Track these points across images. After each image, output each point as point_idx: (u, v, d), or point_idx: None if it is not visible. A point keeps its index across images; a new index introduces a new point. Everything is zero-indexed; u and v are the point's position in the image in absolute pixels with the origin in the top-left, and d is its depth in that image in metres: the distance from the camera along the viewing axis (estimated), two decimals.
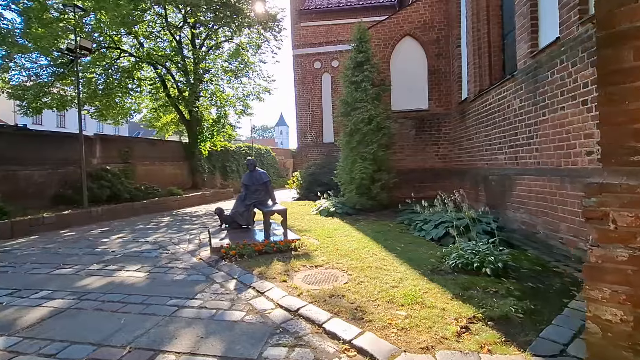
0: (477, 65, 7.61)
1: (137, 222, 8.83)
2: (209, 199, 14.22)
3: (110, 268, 4.43)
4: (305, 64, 17.53)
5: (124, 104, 15.91)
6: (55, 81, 13.18)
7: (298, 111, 17.61)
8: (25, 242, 6.55)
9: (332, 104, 17.26)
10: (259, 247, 4.78)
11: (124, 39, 14.68)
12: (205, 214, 10.02)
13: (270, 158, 25.67)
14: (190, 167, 15.78)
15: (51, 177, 9.49)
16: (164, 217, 9.72)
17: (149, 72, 16.21)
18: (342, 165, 8.71)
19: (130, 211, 9.96)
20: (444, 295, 3.09)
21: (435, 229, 5.41)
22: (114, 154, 11.78)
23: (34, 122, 23.00)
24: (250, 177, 6.43)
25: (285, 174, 28.86)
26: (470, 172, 7.89)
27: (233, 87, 16.93)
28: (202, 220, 8.68)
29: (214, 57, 16.42)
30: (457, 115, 8.91)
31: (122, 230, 7.42)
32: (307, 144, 17.56)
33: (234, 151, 20.29)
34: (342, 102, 8.64)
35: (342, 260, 4.30)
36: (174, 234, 6.85)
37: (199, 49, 15.02)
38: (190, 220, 8.84)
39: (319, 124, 17.44)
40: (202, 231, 6.96)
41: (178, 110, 15.86)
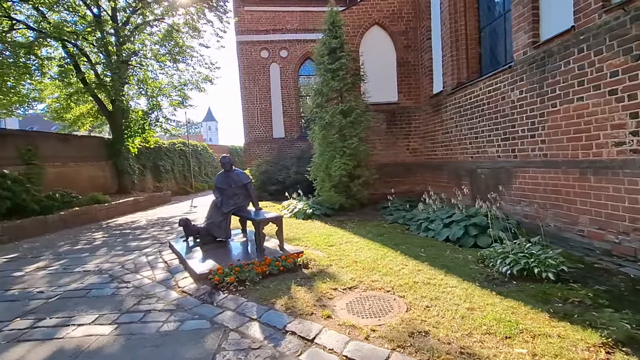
0: (455, 58, 7.46)
1: (57, 241, 6.77)
2: (143, 205, 12.05)
3: (49, 323, 2.93)
4: (251, 52, 16.11)
5: (20, 89, 12.59)
6: None
7: (244, 104, 16.12)
8: None
9: (281, 97, 16.23)
10: (261, 267, 3.73)
11: (17, 7, 11.53)
12: (149, 225, 8.25)
13: (208, 156, 23.43)
14: (115, 167, 13.21)
15: None
16: (94, 232, 7.70)
17: (54, 51, 13.13)
18: (317, 162, 7.87)
19: (43, 227, 7.68)
20: (538, 315, 2.54)
21: (447, 228, 4.97)
22: (11, 154, 9.06)
23: None
24: (226, 178, 5.22)
25: None
26: (449, 166, 7.76)
27: (167, 74, 14.70)
28: (149, 233, 7.02)
29: (142, 38, 13.98)
30: (428, 109, 8.76)
31: (41, 256, 5.48)
32: (256, 140, 16.21)
33: (168, 148, 17.84)
34: (317, 92, 7.78)
35: (374, 276, 3.53)
36: (121, 255, 5.25)
37: (122, 26, 12.55)
38: (133, 234, 7.09)
39: (268, 118, 16.20)
40: (159, 249, 5.48)
41: (97, 99, 13.12)
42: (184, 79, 14.99)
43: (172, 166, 17.78)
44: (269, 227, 4.59)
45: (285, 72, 16.22)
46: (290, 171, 13.83)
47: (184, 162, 19.32)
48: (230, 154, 29.77)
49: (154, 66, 14.43)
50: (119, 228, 7.99)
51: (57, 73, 13.10)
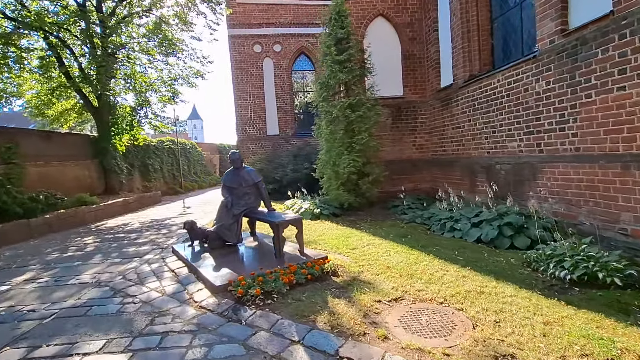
0: (467, 50, 7.18)
1: (43, 247, 6.14)
2: (133, 206, 11.37)
3: (47, 352, 2.43)
4: (244, 46, 15.53)
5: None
6: None
7: (237, 100, 15.53)
8: None
9: (275, 93, 15.73)
10: (287, 277, 3.31)
11: None
12: (144, 228, 7.67)
13: (197, 154, 22.65)
14: (102, 167, 12.44)
15: None
16: (83, 236, 7.08)
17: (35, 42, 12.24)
18: (323, 159, 7.45)
19: (27, 232, 7.00)
20: (628, 329, 2.22)
21: (476, 228, 4.66)
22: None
23: None
24: (236, 176, 4.75)
25: (213, 171, 26.05)
26: (461, 162, 7.49)
27: (157, 69, 13.96)
28: (146, 237, 6.47)
29: (130, 31, 13.20)
30: (436, 103, 8.47)
31: (28, 266, 4.89)
32: (249, 137, 15.66)
33: (156, 146, 17.06)
34: (323, 85, 7.34)
35: (417, 284, 3.16)
36: (120, 263, 4.71)
37: (107, 16, 11.77)
38: (128, 238, 6.52)
39: (261, 114, 15.66)
40: (161, 255, 4.97)
41: (81, 94, 12.31)
42: (174, 73, 14.29)
43: (160, 165, 17.02)
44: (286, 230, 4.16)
45: (279, 67, 15.72)
46: (287, 169, 13.38)
47: (173, 160, 18.55)
48: (219, 152, 29.00)
49: (142, 60, 13.70)
50: (110, 232, 7.38)
51: (38, 66, 12.25)
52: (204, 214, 9.34)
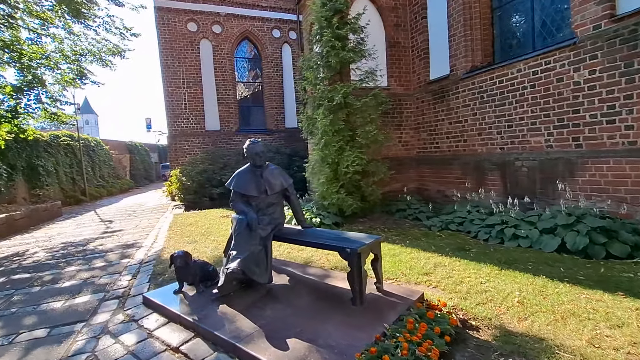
0: (469, 38, 6.65)
1: None
2: (22, 224, 8.04)
3: None
4: (175, 22, 12.93)
5: None
6: None
7: (167, 86, 12.81)
8: None
9: (215, 81, 13.51)
10: (425, 345, 1.92)
11: None
12: (58, 258, 5.08)
13: (103, 153, 18.42)
14: None
15: None
16: None
17: None
18: (318, 156, 6.01)
19: None
20: None
21: (550, 235, 3.91)
22: None
23: None
24: (256, 179, 3.07)
25: (123, 174, 21.71)
26: (462, 160, 6.92)
27: (55, 39, 10.38)
28: (73, 276, 4.12)
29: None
30: (426, 96, 7.81)
31: None
32: (184, 132, 13.07)
33: (49, 143, 13.00)
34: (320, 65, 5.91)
35: (606, 339, 2.12)
36: (50, 342, 2.57)
37: None
38: (39, 280, 4.06)
39: (199, 105, 13.23)
40: (123, 311, 2.97)
41: None
42: (81, 46, 10.85)
43: (55, 167, 13.03)
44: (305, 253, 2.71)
45: (219, 51, 13.55)
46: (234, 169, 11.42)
47: (73, 161, 14.50)
48: (129, 152, 24.40)
49: (31, 25, 10.02)
50: (2, 269, 4.66)
51: None
52: (141, 230, 6.93)
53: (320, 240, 2.74)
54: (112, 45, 11.33)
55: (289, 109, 14.77)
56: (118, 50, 11.47)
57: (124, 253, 5.04)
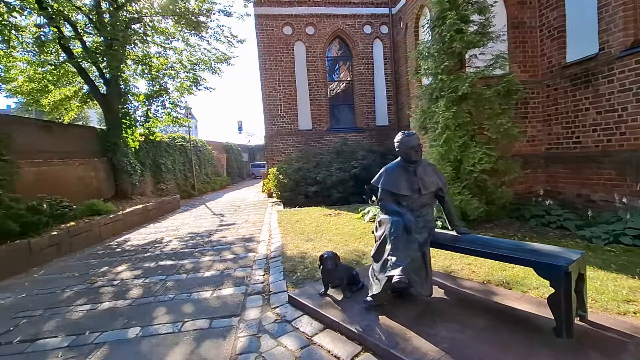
0: (629, 6, 5.34)
1: (56, 286, 4.04)
2: (153, 214, 9.23)
3: None
4: (272, 27, 13.50)
5: None
6: None
7: (265, 89, 13.46)
8: None
9: (308, 82, 13.74)
10: None
11: None
12: (190, 247, 5.57)
13: (207, 153, 20.44)
14: (111, 166, 10.25)
15: None
16: (109, 263, 4.96)
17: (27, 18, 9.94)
18: (439, 153, 5.46)
19: (26, 259, 4.85)
20: None
21: None
22: None
23: None
24: (408, 176, 2.75)
25: (222, 171, 23.84)
26: (619, 156, 5.62)
27: (176, 51, 11.78)
28: (210, 266, 4.41)
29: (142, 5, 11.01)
30: (561, 82, 6.58)
31: (43, 336, 2.81)
32: (279, 132, 13.60)
33: (168, 143, 14.86)
34: (442, 52, 5.39)
35: None
36: (208, 335, 2.67)
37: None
38: (182, 268, 4.44)
39: (292, 106, 13.63)
40: (271, 309, 2.95)
41: (87, 78, 10.10)
42: (196, 56, 12.11)
43: (173, 165, 14.83)
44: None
45: (312, 52, 13.73)
46: (332, 168, 11.42)
47: (185, 160, 16.38)
48: (226, 152, 26.72)
49: (158, 40, 11.49)
50: (145, 255, 5.28)
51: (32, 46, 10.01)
52: (252, 225, 7.28)
53: (499, 251, 2.29)
54: (220, 54, 12.38)
55: (379, 106, 14.32)
56: (225, 57, 12.49)
57: (246, 247, 5.27)
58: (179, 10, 10.31)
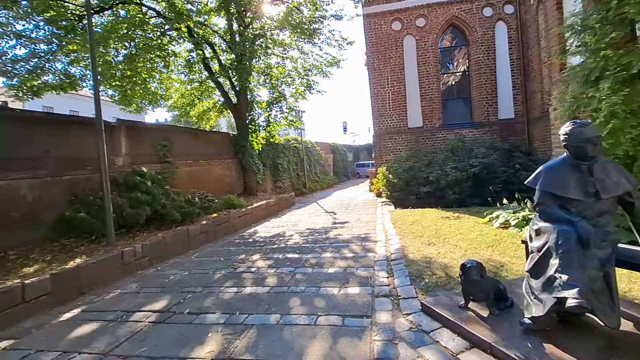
0: None
1: (208, 268, 4.80)
2: (274, 210, 10.19)
3: None
4: (381, 24, 13.29)
5: (148, 85, 11.95)
6: (59, 52, 9.30)
7: (373, 88, 13.38)
8: None
9: (418, 77, 13.05)
10: None
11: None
12: (310, 242, 5.92)
13: (316, 153, 21.58)
14: (240, 166, 11.74)
15: (50, 189, 5.51)
16: (245, 252, 5.66)
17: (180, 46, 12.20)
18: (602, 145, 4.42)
19: (185, 242, 5.94)
20: None
21: None
22: (146, 150, 7.78)
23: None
24: (579, 176, 2.26)
25: (329, 171, 24.82)
26: None
27: (291, 59, 12.78)
28: (331, 262, 4.58)
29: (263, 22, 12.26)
30: None
31: (204, 311, 3.34)
32: (388, 131, 13.32)
33: (284, 145, 16.23)
34: (606, 20, 4.37)
35: None
36: (345, 332, 2.73)
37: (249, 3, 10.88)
38: (307, 262, 4.74)
39: (401, 103, 13.17)
40: (404, 316, 2.84)
41: (222, 91, 11.84)
42: (309, 63, 12.90)
43: (288, 164, 16.14)
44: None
45: (423, 45, 12.99)
46: (447, 167, 10.56)
47: (297, 160, 17.66)
48: (332, 152, 27.70)
49: (276, 52, 12.63)
50: (273, 246, 5.83)
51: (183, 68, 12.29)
52: (365, 224, 7.27)
53: None
54: (330, 58, 12.85)
55: (503, 97, 12.61)
56: (335, 60, 12.90)
57: (364, 246, 5.28)
58: (295, 21, 11.09)
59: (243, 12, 10.93)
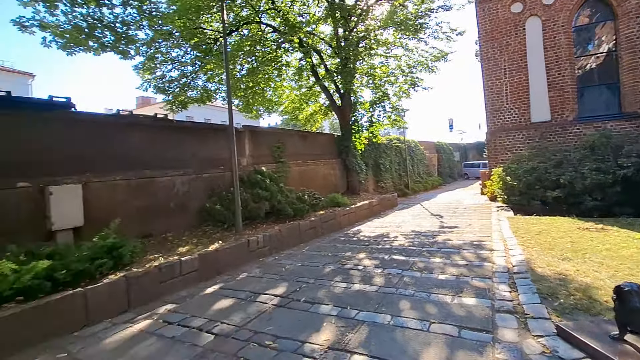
0: None
1: (317, 262, 5.16)
2: (376, 210, 10.20)
3: None
4: (497, 9, 11.91)
5: (265, 94, 13.39)
6: (200, 71, 11.27)
7: (486, 80, 12.08)
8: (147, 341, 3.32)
9: (545, 62, 11.23)
10: None
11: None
12: (416, 245, 5.75)
13: (419, 153, 20.67)
14: (344, 165, 12.15)
15: (195, 184, 6.75)
16: (351, 249, 5.87)
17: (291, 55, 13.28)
18: None
19: (297, 236, 6.49)
20: None
21: None
22: (264, 152, 8.78)
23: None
24: None
25: (433, 171, 23.46)
26: None
27: (395, 58, 12.58)
28: (442, 268, 4.37)
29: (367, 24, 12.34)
30: None
31: (318, 302, 3.63)
32: (504, 127, 11.87)
33: (386, 145, 16.07)
34: None
35: None
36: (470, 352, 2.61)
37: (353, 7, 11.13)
38: (414, 265, 4.65)
39: (523, 95, 11.55)
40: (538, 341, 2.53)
41: (328, 94, 12.46)
42: (413, 59, 12.47)
43: (390, 164, 15.92)
44: None
45: (552, 25, 11.11)
46: (584, 169, 8.82)
47: (400, 160, 17.25)
48: (437, 151, 26.05)
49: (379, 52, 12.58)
50: (377, 245, 5.89)
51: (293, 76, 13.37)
52: (478, 231, 6.66)
53: None
54: (437, 52, 12.14)
55: None
56: (442, 54, 12.13)
57: (478, 254, 4.86)
58: (399, 18, 10.84)
59: (348, 16, 11.25)
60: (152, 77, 10.76)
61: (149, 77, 10.73)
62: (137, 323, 3.32)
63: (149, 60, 10.30)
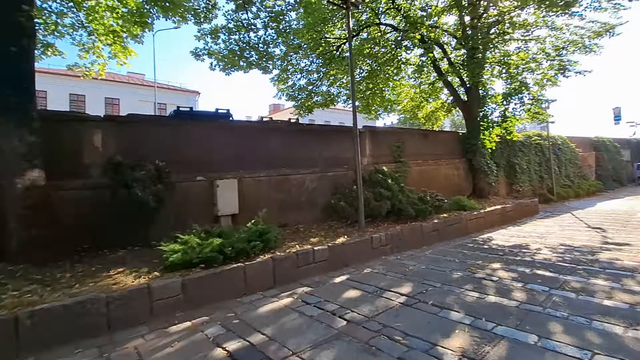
0: None
1: (443, 267, 4.93)
2: (511, 217, 8.97)
3: None
4: None
5: (384, 94, 13.39)
6: (324, 77, 12.13)
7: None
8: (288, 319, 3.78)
9: None
10: None
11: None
12: (567, 262, 4.86)
13: (569, 152, 17.13)
14: (469, 166, 11.12)
15: (321, 182, 7.33)
16: (482, 259, 5.38)
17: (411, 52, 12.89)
18: None
19: (419, 237, 6.32)
20: None
21: None
22: (384, 151, 8.84)
23: None
24: None
25: (589, 174, 19.08)
26: None
27: (538, 40, 10.78)
28: (607, 292, 3.60)
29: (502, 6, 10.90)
30: None
31: (446, 307, 3.51)
32: None
33: (522, 142, 13.95)
34: None
35: None
36: None
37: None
38: (566, 284, 3.96)
39: None
40: None
41: (451, 89, 11.62)
42: (562, 39, 10.43)
43: (527, 165, 13.75)
44: None
45: None
46: None
47: (541, 160, 14.69)
48: (596, 150, 21.02)
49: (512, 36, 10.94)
50: (515, 257, 5.22)
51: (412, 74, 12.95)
52: None
53: None
54: (598, 26, 9.81)
55: None
56: (607, 27, 9.74)
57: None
58: None
59: (477, 1, 10.22)
60: (284, 86, 12.15)
61: (282, 87, 12.15)
62: (281, 299, 3.86)
63: (283, 72, 11.66)
